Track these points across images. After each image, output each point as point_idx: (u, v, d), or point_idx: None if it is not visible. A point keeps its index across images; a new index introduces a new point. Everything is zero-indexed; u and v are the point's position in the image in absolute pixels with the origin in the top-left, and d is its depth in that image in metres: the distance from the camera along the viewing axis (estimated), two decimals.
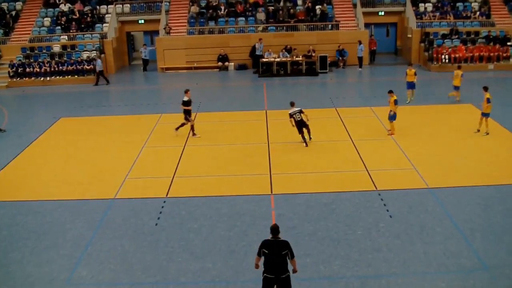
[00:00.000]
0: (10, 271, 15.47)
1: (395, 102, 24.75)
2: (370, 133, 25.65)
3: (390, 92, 25.17)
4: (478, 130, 25.08)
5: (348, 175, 20.86)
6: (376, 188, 19.73)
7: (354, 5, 45.79)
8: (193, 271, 14.99)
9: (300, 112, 24.14)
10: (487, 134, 24.76)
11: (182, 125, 26.11)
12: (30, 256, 16.20)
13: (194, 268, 15.11)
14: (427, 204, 18.31)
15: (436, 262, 14.84)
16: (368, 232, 16.63)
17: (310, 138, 24.49)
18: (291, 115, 24.15)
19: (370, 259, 15.14)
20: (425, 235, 16.28)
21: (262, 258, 12.57)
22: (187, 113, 26.00)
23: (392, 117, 24.91)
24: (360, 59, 41.97)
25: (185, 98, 25.91)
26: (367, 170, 21.30)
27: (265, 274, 12.43)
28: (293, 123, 24.17)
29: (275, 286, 12.46)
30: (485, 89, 25.24)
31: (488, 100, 24.58)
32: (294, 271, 12.70)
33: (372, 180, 20.42)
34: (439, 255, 15.19)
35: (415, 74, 30.64)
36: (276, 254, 12.33)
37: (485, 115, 24.87)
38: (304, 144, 24.15)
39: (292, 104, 24.45)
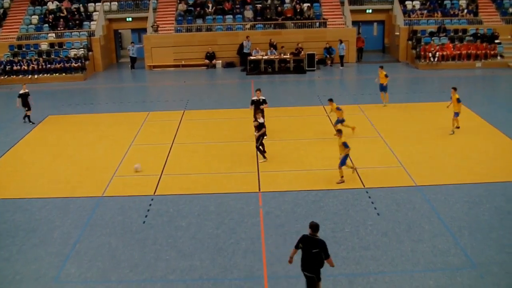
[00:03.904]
0: None
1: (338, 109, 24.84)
2: (357, 131, 25.63)
3: (330, 100, 25.25)
4: (453, 132, 25.21)
5: (336, 173, 20.83)
6: (363, 185, 19.81)
7: (342, 3, 45.86)
8: (181, 268, 14.99)
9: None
10: (453, 133, 24.89)
11: None
12: (17, 253, 16.14)
13: (182, 266, 15.11)
14: (415, 202, 18.39)
15: (424, 260, 14.91)
16: (355, 230, 16.68)
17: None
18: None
19: (358, 257, 15.20)
20: (413, 233, 16.34)
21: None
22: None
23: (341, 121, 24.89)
24: (342, 57, 41.88)
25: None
26: (356, 169, 21.35)
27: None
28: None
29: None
30: (455, 89, 25.29)
31: (458, 100, 24.67)
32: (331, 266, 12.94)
33: (359, 177, 20.48)
34: (427, 253, 15.26)
35: (386, 76, 29.69)
36: (308, 251, 12.54)
37: (457, 114, 25.02)
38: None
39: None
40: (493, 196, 18.60)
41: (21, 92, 29.51)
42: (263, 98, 25.09)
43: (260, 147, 22.38)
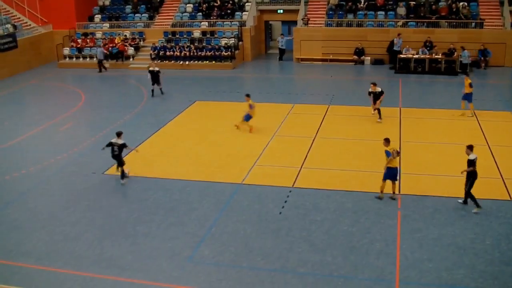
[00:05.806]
0: (136, 243, 16.21)
1: (250, 106, 25.83)
2: (506, 139, 24.38)
3: (247, 95, 26.39)
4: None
5: (482, 182, 19.92)
6: (511, 198, 18.75)
7: (502, 3, 43.54)
8: (312, 262, 14.96)
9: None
10: None
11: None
12: (156, 230, 16.89)
13: (314, 260, 15.08)
14: None
15: None
16: (497, 243, 15.83)
17: None
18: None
19: (497, 272, 14.41)
20: None
21: None
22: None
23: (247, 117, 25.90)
24: (465, 66, 39.02)
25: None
26: (502, 178, 20.28)
27: None
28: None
29: None
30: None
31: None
32: None
33: (507, 189, 19.41)
34: None
35: (470, 85, 27.73)
36: None
37: None
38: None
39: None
40: None
41: (151, 68, 32.23)
42: (380, 90, 27.66)
43: (469, 191, 18.00)
